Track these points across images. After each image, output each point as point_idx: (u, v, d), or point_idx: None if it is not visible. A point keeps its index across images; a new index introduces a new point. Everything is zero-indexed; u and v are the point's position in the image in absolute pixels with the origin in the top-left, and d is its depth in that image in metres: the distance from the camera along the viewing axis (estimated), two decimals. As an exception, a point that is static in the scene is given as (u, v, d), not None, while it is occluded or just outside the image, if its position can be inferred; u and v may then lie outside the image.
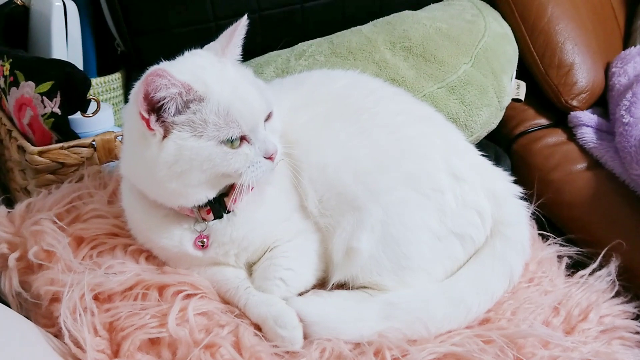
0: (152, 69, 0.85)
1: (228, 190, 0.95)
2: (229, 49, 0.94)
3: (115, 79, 1.51)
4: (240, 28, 0.95)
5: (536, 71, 1.59)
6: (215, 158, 0.88)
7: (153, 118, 0.87)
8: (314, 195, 1.01)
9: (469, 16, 1.55)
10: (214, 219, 0.97)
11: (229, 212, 0.97)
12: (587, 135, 1.50)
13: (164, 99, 0.86)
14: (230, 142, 0.89)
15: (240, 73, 0.95)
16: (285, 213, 1.01)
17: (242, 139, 0.90)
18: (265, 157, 0.91)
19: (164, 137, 0.88)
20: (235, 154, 0.89)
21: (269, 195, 0.99)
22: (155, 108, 0.87)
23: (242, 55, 0.99)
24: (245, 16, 0.96)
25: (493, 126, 1.48)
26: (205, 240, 0.97)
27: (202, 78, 0.89)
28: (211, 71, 0.91)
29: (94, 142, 1.23)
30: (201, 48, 0.98)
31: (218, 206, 0.96)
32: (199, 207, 0.95)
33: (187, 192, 0.91)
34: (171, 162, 0.88)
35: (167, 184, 0.90)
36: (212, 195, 0.93)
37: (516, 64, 1.56)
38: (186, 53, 0.97)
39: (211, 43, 0.98)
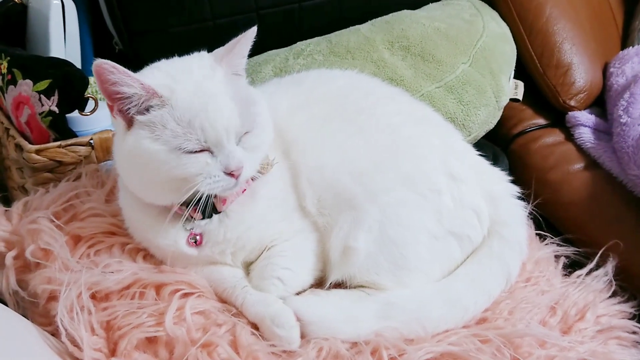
0: (99, 60, 0.84)
1: None
2: (228, 57, 0.92)
3: (113, 78, 1.50)
4: (244, 40, 0.92)
5: (534, 71, 1.59)
6: (170, 161, 0.87)
7: (116, 107, 0.88)
8: (312, 195, 1.01)
9: (468, 16, 1.55)
10: (202, 218, 0.96)
11: (218, 212, 0.96)
12: (585, 135, 1.51)
13: (123, 94, 0.86)
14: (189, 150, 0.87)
15: (228, 84, 0.91)
16: (282, 213, 1.01)
17: (204, 148, 0.88)
18: (225, 173, 0.89)
19: (129, 127, 0.89)
20: (191, 159, 0.87)
21: (264, 196, 0.99)
22: (113, 98, 0.87)
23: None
24: (255, 28, 0.92)
25: (491, 126, 1.48)
26: (197, 237, 0.97)
27: (176, 83, 0.88)
28: (193, 77, 0.90)
29: (91, 141, 1.22)
30: (199, 47, 0.98)
31: (206, 205, 0.95)
32: (187, 206, 0.95)
33: (152, 189, 0.92)
34: (130, 156, 0.90)
35: (131, 176, 0.93)
36: (177, 199, 0.91)
37: (514, 64, 1.56)
38: (194, 54, 0.96)
39: (219, 48, 0.96)
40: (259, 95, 0.98)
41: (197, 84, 0.89)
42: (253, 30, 0.93)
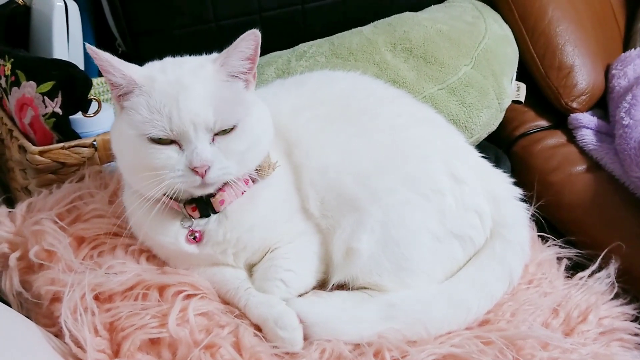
0: (87, 46, 0.88)
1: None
2: (222, 58, 0.92)
3: (116, 79, 1.51)
4: (240, 41, 0.91)
5: (536, 73, 1.59)
6: (137, 148, 0.89)
7: (114, 92, 0.92)
8: (315, 197, 1.01)
9: (470, 18, 1.55)
10: (200, 217, 0.97)
11: (216, 212, 0.96)
12: (587, 137, 1.51)
13: (111, 81, 0.90)
14: (157, 139, 0.89)
15: (211, 81, 0.91)
16: (285, 215, 1.01)
17: (174, 141, 0.89)
18: (190, 169, 0.88)
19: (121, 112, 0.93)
20: (157, 151, 0.88)
21: (265, 198, 0.99)
22: (109, 83, 0.91)
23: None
24: (255, 30, 0.90)
25: (493, 128, 1.48)
26: (197, 234, 0.97)
27: (162, 74, 0.91)
28: (179, 71, 0.91)
29: (94, 142, 1.23)
30: (202, 49, 0.99)
31: (204, 205, 0.95)
32: (185, 203, 0.95)
33: (134, 177, 0.93)
34: (115, 140, 0.94)
35: (119, 161, 0.96)
36: (156, 191, 0.89)
37: (516, 66, 1.57)
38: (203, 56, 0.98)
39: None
40: (259, 102, 0.97)
41: (178, 76, 0.90)
42: (252, 32, 0.90)
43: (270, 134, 0.98)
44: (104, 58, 0.88)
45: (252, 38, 0.91)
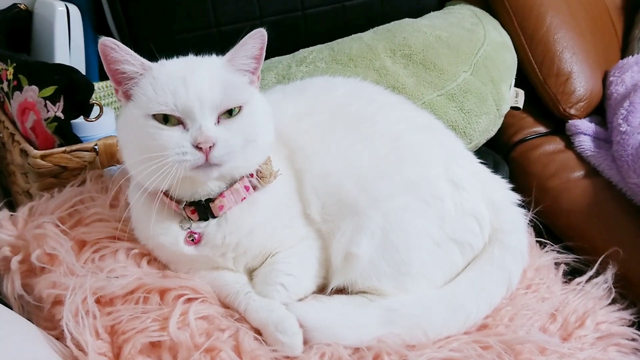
0: (103, 38, 0.89)
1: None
2: (230, 53, 0.95)
3: (117, 84, 1.51)
4: (246, 39, 0.94)
5: (535, 79, 1.60)
6: (142, 128, 0.89)
7: (121, 90, 0.93)
8: (317, 202, 1.02)
9: (469, 25, 1.56)
10: (198, 220, 0.97)
11: (215, 216, 0.97)
12: (585, 143, 1.52)
13: (125, 73, 0.91)
14: (162, 119, 0.90)
15: (218, 68, 0.94)
16: (286, 220, 1.02)
17: (180, 122, 0.90)
18: (193, 146, 0.88)
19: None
20: (162, 131, 0.89)
21: (265, 203, 0.99)
22: (117, 79, 0.92)
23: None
24: (260, 30, 0.93)
25: (492, 134, 1.49)
26: (195, 236, 0.97)
27: (170, 62, 0.95)
28: (187, 60, 0.96)
29: (96, 147, 1.23)
30: (203, 54, 1.00)
31: (203, 208, 0.96)
32: (185, 205, 0.96)
33: (138, 165, 0.91)
34: (121, 128, 0.95)
35: (124, 152, 0.96)
36: (158, 177, 0.89)
37: (515, 73, 1.57)
38: None
39: None
40: (263, 98, 0.99)
41: (187, 62, 0.95)
42: (260, 31, 0.93)
43: (272, 131, 0.98)
44: (123, 47, 0.90)
45: (259, 37, 0.94)
